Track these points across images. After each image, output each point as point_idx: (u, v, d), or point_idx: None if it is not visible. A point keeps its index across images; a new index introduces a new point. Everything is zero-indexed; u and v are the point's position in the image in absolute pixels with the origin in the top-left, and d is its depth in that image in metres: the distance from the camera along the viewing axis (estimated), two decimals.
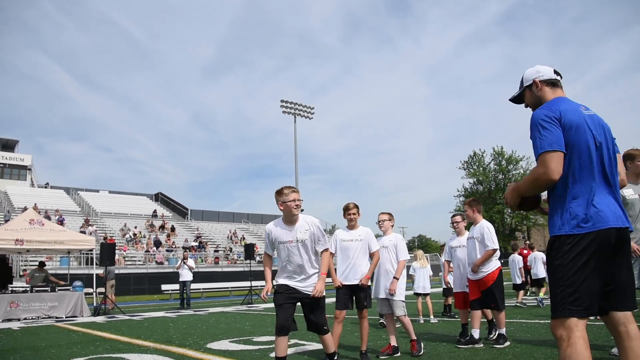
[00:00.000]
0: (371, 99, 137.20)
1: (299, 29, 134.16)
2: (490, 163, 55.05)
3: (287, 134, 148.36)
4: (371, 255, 5.04)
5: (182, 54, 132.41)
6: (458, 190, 57.39)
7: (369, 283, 5.00)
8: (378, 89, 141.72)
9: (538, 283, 11.57)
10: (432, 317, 8.67)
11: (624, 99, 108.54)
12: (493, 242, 5.50)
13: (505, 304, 5.69)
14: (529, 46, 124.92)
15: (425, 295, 8.92)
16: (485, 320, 6.10)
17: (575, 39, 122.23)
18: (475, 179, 55.92)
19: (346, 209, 5.14)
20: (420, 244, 78.59)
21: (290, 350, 5.61)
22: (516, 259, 11.11)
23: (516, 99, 2.61)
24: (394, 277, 5.16)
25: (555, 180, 2.17)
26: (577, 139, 2.20)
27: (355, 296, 4.97)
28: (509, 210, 53.03)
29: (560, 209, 2.21)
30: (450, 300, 9.31)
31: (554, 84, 2.45)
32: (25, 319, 12.51)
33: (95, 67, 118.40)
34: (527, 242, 15.07)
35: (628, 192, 4.72)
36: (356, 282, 4.92)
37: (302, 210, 4.13)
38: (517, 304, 10.39)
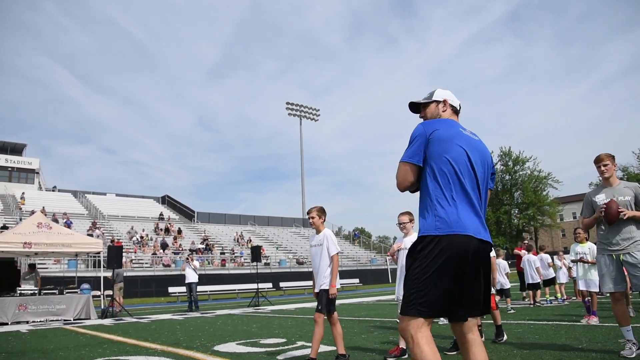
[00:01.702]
0: (375, 100, 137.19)
1: (303, 30, 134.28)
2: (497, 163, 54.71)
3: (291, 136, 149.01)
4: (331, 260, 4.76)
5: (186, 56, 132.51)
6: None
7: (335, 291, 4.73)
8: (382, 89, 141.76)
9: (550, 283, 11.86)
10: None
11: (629, 98, 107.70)
12: None
13: (517, 307, 5.57)
14: (534, 46, 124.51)
15: None
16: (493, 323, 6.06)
17: (580, 39, 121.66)
18: None
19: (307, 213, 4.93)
20: None
21: (297, 353, 5.62)
22: (531, 258, 11.40)
23: (416, 107, 2.68)
24: None
25: (401, 189, 2.42)
26: (445, 152, 2.31)
27: (321, 302, 4.72)
28: (516, 211, 52.86)
29: (427, 211, 2.32)
30: None
31: (456, 111, 2.61)
32: (33, 321, 12.59)
33: (99, 69, 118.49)
34: (525, 242, 14.89)
35: (600, 198, 4.62)
36: (317, 290, 4.76)
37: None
38: (537, 304, 10.78)
